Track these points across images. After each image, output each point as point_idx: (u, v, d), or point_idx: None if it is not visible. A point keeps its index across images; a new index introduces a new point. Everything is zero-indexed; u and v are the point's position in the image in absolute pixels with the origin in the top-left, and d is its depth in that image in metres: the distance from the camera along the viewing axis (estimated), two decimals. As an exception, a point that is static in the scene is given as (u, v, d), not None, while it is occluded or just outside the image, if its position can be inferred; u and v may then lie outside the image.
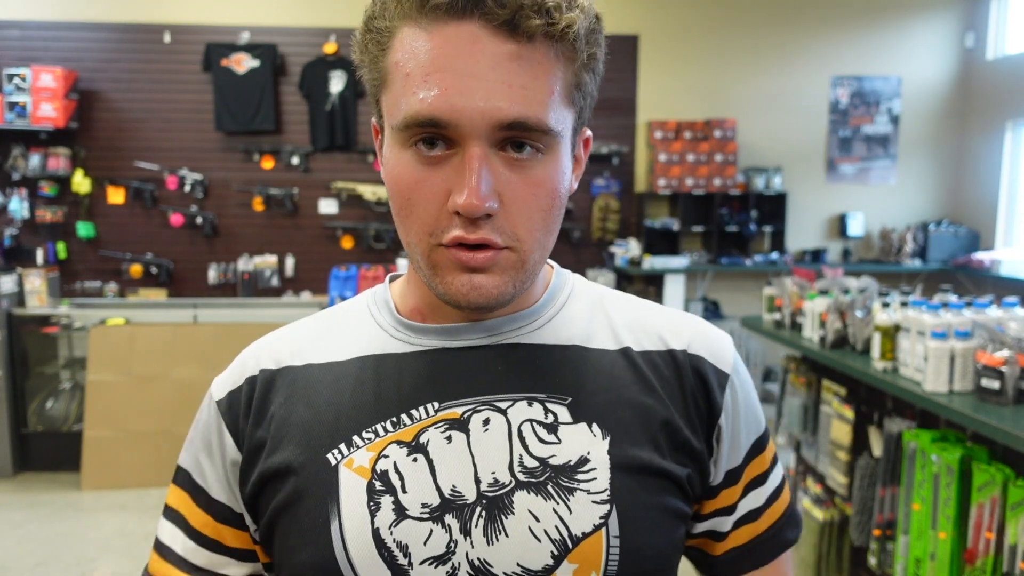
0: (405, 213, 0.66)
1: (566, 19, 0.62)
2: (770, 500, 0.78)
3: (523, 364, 0.72)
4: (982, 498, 2.12)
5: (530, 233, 0.65)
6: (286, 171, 5.96)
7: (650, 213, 6.25)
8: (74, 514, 4.00)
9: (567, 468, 0.67)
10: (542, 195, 0.65)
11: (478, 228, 0.63)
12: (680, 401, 0.72)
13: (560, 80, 0.64)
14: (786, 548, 0.79)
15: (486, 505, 0.66)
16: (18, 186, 5.71)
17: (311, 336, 0.77)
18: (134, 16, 5.81)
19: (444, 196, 0.63)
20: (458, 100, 0.60)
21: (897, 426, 2.54)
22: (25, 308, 4.66)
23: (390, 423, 0.70)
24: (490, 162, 0.62)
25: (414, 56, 0.62)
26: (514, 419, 0.69)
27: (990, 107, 6.26)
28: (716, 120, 6.08)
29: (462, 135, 0.61)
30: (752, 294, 6.25)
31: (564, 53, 0.64)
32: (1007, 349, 2.17)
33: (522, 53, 0.61)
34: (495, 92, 0.60)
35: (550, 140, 0.64)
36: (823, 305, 3.06)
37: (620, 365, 0.73)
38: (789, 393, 3.44)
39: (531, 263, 0.67)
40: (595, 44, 0.67)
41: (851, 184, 6.54)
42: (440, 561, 0.65)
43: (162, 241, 5.95)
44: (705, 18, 6.28)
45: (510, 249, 0.65)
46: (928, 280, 6.36)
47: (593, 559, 0.66)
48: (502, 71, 0.60)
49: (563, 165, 0.67)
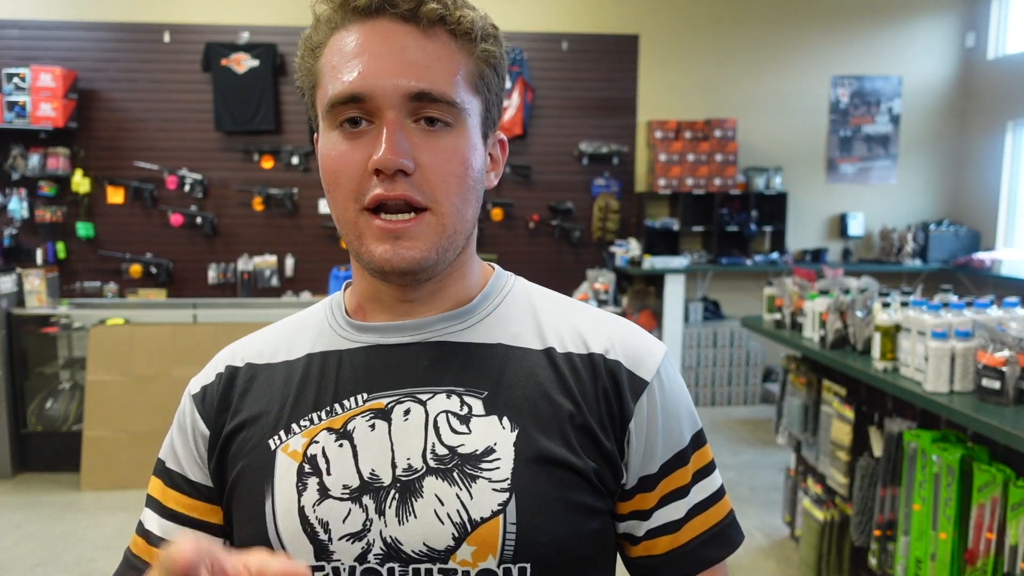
0: (333, 186, 0.73)
1: (460, 12, 0.73)
2: (691, 514, 0.79)
3: (447, 360, 0.77)
4: (983, 498, 2.11)
5: (447, 196, 0.72)
6: (286, 171, 5.96)
7: (650, 213, 6.25)
8: (74, 514, 3.99)
9: (473, 457, 0.73)
10: (455, 161, 0.73)
11: (396, 185, 0.70)
12: (593, 402, 0.76)
13: (462, 66, 0.73)
14: (707, 566, 0.79)
15: (399, 489, 0.72)
16: (17, 186, 5.71)
17: (276, 338, 0.85)
18: (134, 16, 5.81)
19: (366, 162, 0.71)
20: (372, 78, 0.70)
21: (897, 426, 2.54)
22: (25, 308, 4.65)
23: (324, 412, 0.77)
24: (405, 128, 0.71)
25: (339, 52, 0.73)
26: (432, 410, 0.75)
27: (991, 107, 6.26)
28: (716, 120, 6.08)
29: (378, 106, 0.70)
30: (752, 294, 6.25)
31: (463, 45, 0.74)
32: (1008, 349, 2.17)
33: (427, 39, 0.72)
34: (404, 70, 0.70)
35: (457, 113, 0.73)
36: (823, 305, 3.06)
37: (541, 364, 0.77)
38: (789, 393, 3.43)
39: (451, 229, 0.74)
40: (492, 44, 0.75)
41: (851, 184, 6.53)
42: (356, 538, 0.72)
43: (162, 241, 5.95)
44: (705, 18, 6.28)
45: (429, 211, 0.72)
46: (929, 280, 6.36)
47: (490, 542, 0.71)
48: (409, 53, 0.71)
49: (472, 140, 0.75)
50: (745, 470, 4.60)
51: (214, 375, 0.84)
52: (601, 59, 6.16)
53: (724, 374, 6.04)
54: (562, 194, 6.20)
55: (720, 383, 6.04)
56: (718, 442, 5.12)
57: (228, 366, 0.84)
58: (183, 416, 0.84)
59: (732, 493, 4.23)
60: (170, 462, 0.83)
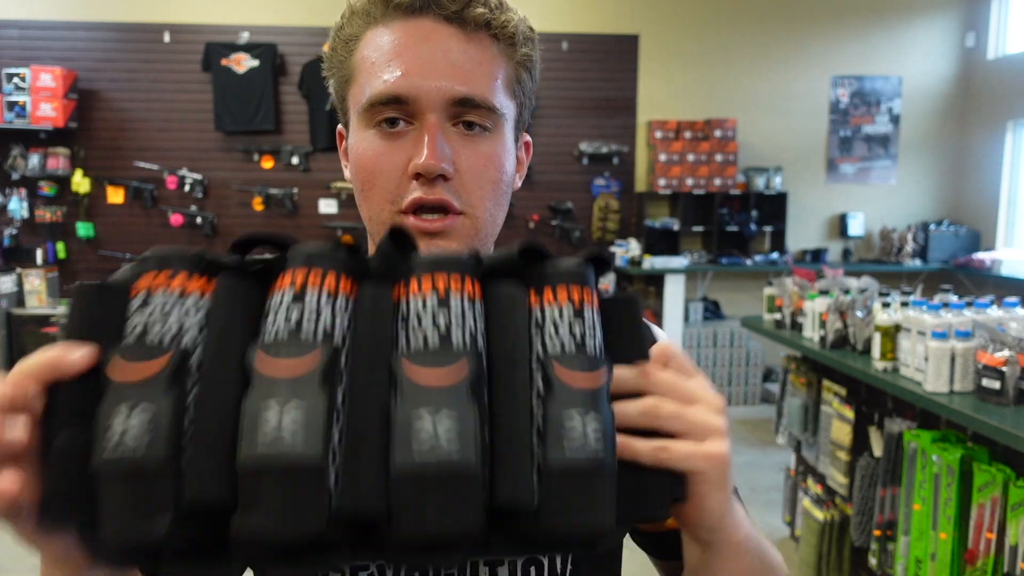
0: (368, 186, 0.73)
1: (505, 16, 0.72)
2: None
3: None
4: (983, 498, 2.11)
5: (482, 201, 0.72)
6: (286, 171, 5.96)
7: (650, 213, 6.25)
8: (73, 514, 4.00)
9: None
10: (491, 167, 0.72)
11: (435, 189, 0.70)
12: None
13: (502, 71, 0.73)
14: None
15: None
16: (17, 186, 5.70)
17: None
18: (133, 16, 5.80)
19: (405, 165, 0.70)
20: (416, 79, 0.69)
21: (897, 426, 2.54)
22: (25, 308, 4.66)
23: None
24: (445, 132, 0.70)
25: (378, 48, 0.71)
26: None
27: (991, 107, 6.26)
28: (716, 120, 6.08)
29: (420, 109, 0.69)
30: (752, 294, 6.25)
31: (504, 49, 0.73)
32: (1008, 349, 2.17)
33: (469, 42, 0.70)
34: (448, 73, 0.69)
35: (495, 119, 0.72)
36: (823, 305, 3.06)
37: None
38: (789, 393, 3.44)
39: (483, 232, 0.74)
40: (530, 48, 0.75)
41: (851, 184, 6.53)
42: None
43: (162, 241, 5.94)
44: (705, 18, 6.28)
45: (464, 215, 0.72)
46: (928, 280, 6.36)
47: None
48: (453, 56, 0.70)
49: (508, 145, 0.74)
50: (745, 470, 4.60)
51: None
52: (601, 59, 6.16)
53: (724, 374, 6.04)
54: (562, 194, 6.20)
55: (720, 383, 6.04)
56: (718, 442, 5.11)
57: None
58: None
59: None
60: None
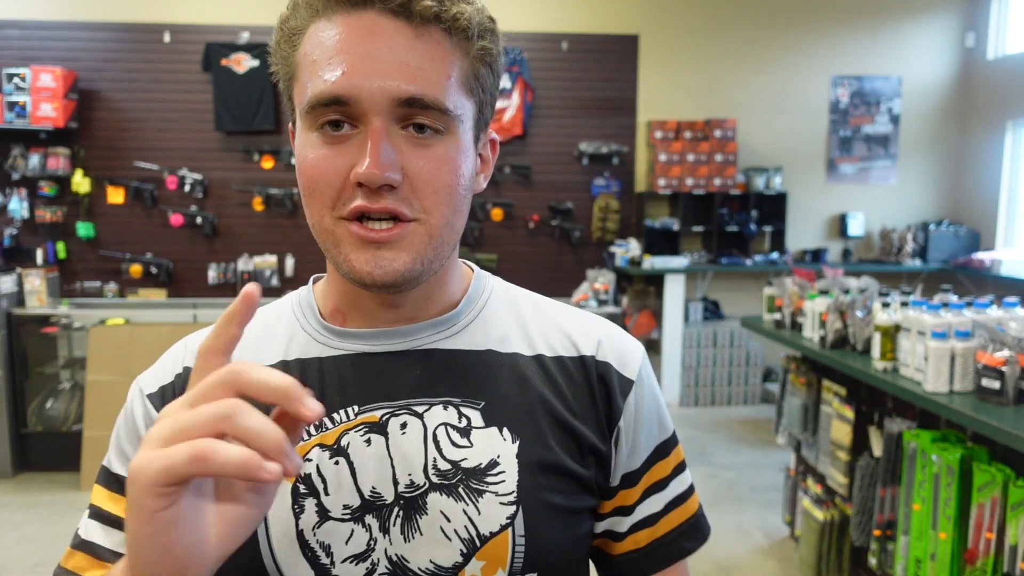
0: (310, 191, 0.67)
1: (457, 8, 0.65)
2: (669, 507, 0.80)
3: (440, 369, 0.74)
4: (982, 498, 2.12)
5: (436, 207, 0.67)
6: (286, 171, 5.96)
7: (650, 213, 6.25)
8: (74, 514, 3.99)
9: (477, 471, 0.70)
10: (445, 171, 0.67)
11: (381, 198, 0.64)
12: (588, 405, 0.76)
13: (457, 67, 0.67)
14: (683, 556, 0.81)
15: (403, 505, 0.69)
16: (18, 186, 5.71)
17: (241, 341, 0.78)
18: (134, 16, 5.81)
19: (347, 172, 0.65)
20: (358, 79, 0.63)
21: (897, 426, 2.54)
22: (25, 308, 4.65)
23: (313, 427, 0.71)
24: (392, 137, 0.65)
25: (320, 45, 0.65)
26: (430, 423, 0.71)
27: (990, 107, 6.26)
28: (716, 120, 6.08)
29: (363, 111, 0.64)
30: (752, 294, 6.25)
31: (459, 43, 0.67)
32: (1007, 349, 2.17)
33: (418, 37, 0.64)
34: (393, 71, 0.63)
35: (448, 121, 0.66)
36: (823, 305, 3.06)
37: (533, 369, 0.75)
38: (789, 393, 3.44)
39: (438, 240, 0.68)
40: (490, 40, 0.69)
41: (851, 184, 6.54)
42: (360, 559, 0.69)
43: (162, 241, 5.95)
44: (705, 18, 6.28)
45: (417, 221, 0.66)
46: (928, 280, 6.36)
47: (500, 556, 0.69)
48: (399, 52, 0.64)
49: (464, 147, 0.68)
50: (745, 470, 4.60)
51: (172, 375, 0.76)
52: (601, 59, 6.16)
53: (724, 374, 6.04)
54: (562, 194, 6.20)
55: (720, 383, 6.04)
56: (718, 442, 5.12)
57: (187, 367, 0.75)
58: (134, 418, 0.76)
59: (732, 493, 4.24)
60: (118, 467, 0.75)
